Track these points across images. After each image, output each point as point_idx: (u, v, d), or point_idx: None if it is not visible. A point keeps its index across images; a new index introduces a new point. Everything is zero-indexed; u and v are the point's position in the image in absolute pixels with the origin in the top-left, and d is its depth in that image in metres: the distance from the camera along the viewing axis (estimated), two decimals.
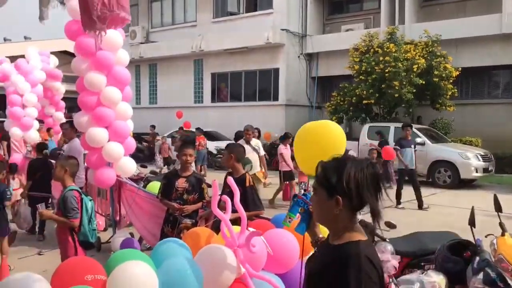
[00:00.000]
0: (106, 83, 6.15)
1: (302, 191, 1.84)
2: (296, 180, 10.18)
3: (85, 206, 4.40)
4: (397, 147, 10.57)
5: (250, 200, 4.07)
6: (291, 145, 11.07)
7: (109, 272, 2.35)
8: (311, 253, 2.01)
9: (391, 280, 1.82)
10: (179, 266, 2.40)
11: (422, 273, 3.37)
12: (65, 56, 20.08)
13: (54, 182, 6.36)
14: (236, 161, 4.42)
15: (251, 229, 2.79)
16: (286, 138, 11.07)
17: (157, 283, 2.33)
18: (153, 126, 20.85)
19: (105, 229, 7.75)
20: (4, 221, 5.75)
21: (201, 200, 4.81)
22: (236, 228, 2.76)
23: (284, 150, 10.59)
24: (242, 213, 2.76)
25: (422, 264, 3.86)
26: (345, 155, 1.82)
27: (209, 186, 5.09)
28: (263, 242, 2.84)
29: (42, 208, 4.36)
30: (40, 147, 8.71)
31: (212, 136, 18.98)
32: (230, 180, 2.90)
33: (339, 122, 18.90)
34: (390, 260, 1.76)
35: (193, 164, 5.15)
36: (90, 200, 4.60)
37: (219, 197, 2.98)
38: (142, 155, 17.92)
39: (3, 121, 16.69)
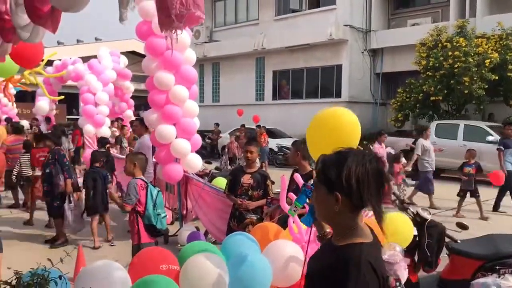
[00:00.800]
0: (174, 81, 6.37)
1: (312, 181, 1.74)
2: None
3: (150, 193, 4.64)
4: (501, 147, 9.57)
5: None
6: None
7: (181, 263, 2.45)
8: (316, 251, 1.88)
9: (397, 283, 1.71)
10: (248, 259, 2.45)
11: (499, 277, 3.22)
12: (133, 56, 20.96)
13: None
14: (302, 158, 4.42)
15: None
16: (381, 135, 10.76)
17: (228, 275, 2.40)
18: (216, 124, 21.27)
19: (172, 223, 8.01)
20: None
21: (265, 196, 4.86)
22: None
23: (380, 149, 10.26)
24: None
25: (497, 268, 3.68)
26: (348, 148, 1.66)
27: (273, 183, 5.14)
28: None
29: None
30: (102, 141, 9.19)
31: (273, 134, 19.07)
32: (297, 176, 2.91)
33: (405, 119, 18.34)
34: (398, 263, 1.63)
35: (257, 161, 5.21)
36: (158, 191, 4.81)
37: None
38: (205, 152, 18.30)
39: (77, 119, 17.70)
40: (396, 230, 3.29)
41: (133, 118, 13.15)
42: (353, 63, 20.72)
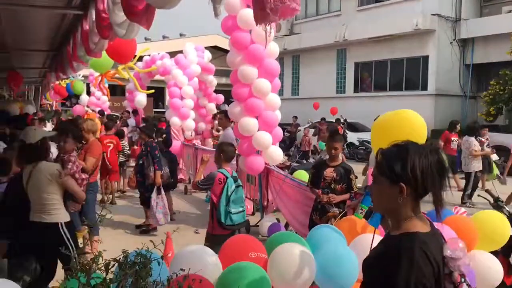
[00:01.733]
0: (258, 75, 6.46)
1: None
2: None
3: (226, 188, 4.63)
4: None
5: None
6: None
7: (269, 251, 2.51)
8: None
9: (462, 279, 1.64)
10: (335, 251, 2.45)
11: None
12: (215, 51, 21.48)
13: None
14: None
15: None
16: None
17: (315, 265, 2.41)
18: (295, 117, 21.26)
19: (253, 213, 8.17)
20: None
21: (349, 190, 4.80)
22: None
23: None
24: None
25: None
26: (405, 141, 1.70)
27: (356, 177, 5.05)
28: None
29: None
30: (160, 131, 9.62)
31: (354, 127, 18.69)
32: None
33: (498, 113, 17.17)
34: (461, 258, 1.59)
35: (340, 154, 5.14)
36: (237, 186, 4.78)
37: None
38: (284, 145, 18.36)
39: (163, 112, 18.54)
40: (492, 229, 3.13)
41: (215, 111, 13.56)
42: (441, 54, 19.69)
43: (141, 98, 14.01)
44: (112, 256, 1.69)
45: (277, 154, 6.74)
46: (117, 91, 25.16)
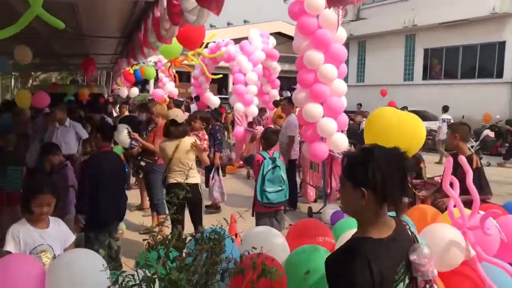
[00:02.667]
0: (324, 60, 6.39)
1: None
2: None
3: (263, 168, 4.98)
4: None
5: (477, 183, 3.77)
6: None
7: (336, 237, 2.51)
8: None
9: (427, 286, 1.62)
10: None
11: None
12: (278, 37, 21.41)
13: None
14: (461, 141, 4.13)
15: (482, 213, 2.61)
16: None
17: None
18: (359, 105, 20.82)
19: (315, 200, 8.16)
20: None
21: (417, 179, 4.66)
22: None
23: None
24: (475, 194, 2.59)
25: None
26: (373, 144, 1.73)
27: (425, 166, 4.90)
28: (496, 227, 2.63)
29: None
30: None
31: (422, 116, 17.94)
32: (463, 159, 2.73)
33: None
34: (425, 265, 1.58)
35: None
36: (274, 166, 5.03)
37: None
38: (347, 133, 18.01)
39: (227, 98, 18.79)
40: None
41: (278, 98, 13.57)
42: None
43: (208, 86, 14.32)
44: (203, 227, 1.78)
45: (342, 141, 6.66)
46: (182, 77, 25.83)
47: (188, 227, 4.74)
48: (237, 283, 1.62)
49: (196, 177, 5.18)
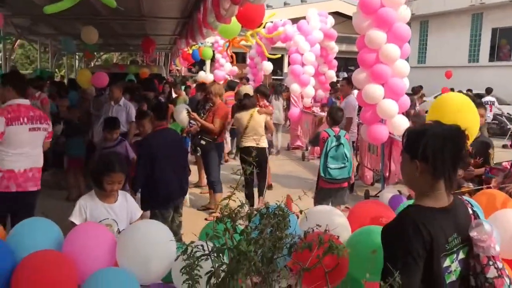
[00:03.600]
0: (386, 40, 6.19)
1: None
2: None
3: (326, 146, 5.30)
4: None
5: None
6: None
7: None
8: None
9: (490, 262, 1.58)
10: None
11: None
12: (336, 17, 20.94)
13: None
14: None
15: None
16: None
17: None
18: (420, 87, 20.06)
19: (372, 184, 8.02)
20: None
21: (484, 165, 4.46)
22: None
23: None
24: None
25: None
26: (434, 121, 1.81)
27: None
28: None
29: None
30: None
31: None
32: None
33: None
34: (485, 241, 1.56)
35: None
36: (338, 144, 5.31)
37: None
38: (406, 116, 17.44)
39: (281, 79, 18.71)
40: None
41: (335, 79, 13.34)
42: None
43: (266, 65, 14.27)
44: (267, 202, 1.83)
45: (402, 124, 6.46)
46: (238, 58, 25.97)
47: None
48: (302, 258, 1.63)
49: (265, 142, 6.33)
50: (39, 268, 1.88)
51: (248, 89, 6.23)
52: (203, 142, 6.35)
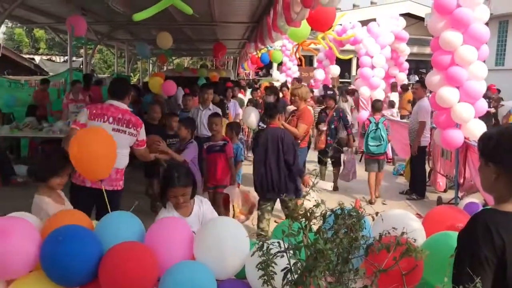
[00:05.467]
0: (462, 41, 5.95)
1: None
2: None
3: (368, 129, 7.19)
4: None
5: None
6: None
7: None
8: None
9: None
10: None
11: None
12: (407, 19, 20.36)
13: None
14: None
15: None
16: None
17: None
18: (498, 90, 19.01)
19: (445, 190, 7.73)
20: None
21: None
22: None
23: None
24: None
25: None
26: (508, 124, 1.51)
27: None
28: None
29: None
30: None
31: None
32: None
33: None
34: None
35: None
36: (376, 128, 7.18)
37: None
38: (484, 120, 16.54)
39: (349, 82, 18.43)
40: None
41: (406, 81, 12.98)
42: None
43: (334, 68, 14.19)
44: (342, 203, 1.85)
45: (479, 129, 6.18)
46: (305, 61, 25.95)
47: None
48: (378, 259, 1.63)
49: None
50: (124, 258, 2.02)
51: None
52: None
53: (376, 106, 7.50)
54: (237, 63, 24.54)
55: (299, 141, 6.14)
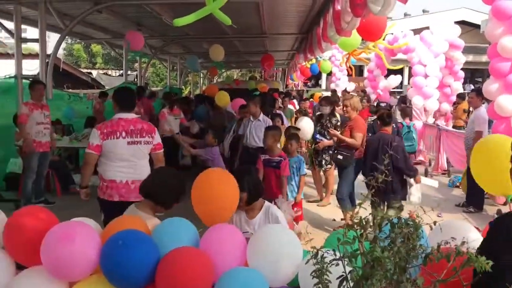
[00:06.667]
0: None
1: None
2: None
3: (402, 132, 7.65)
4: None
5: None
6: None
7: None
8: None
9: None
10: None
11: None
12: (462, 26, 19.75)
13: None
14: None
15: None
16: None
17: None
18: None
19: (505, 203, 7.38)
20: None
21: None
22: None
23: None
24: None
25: None
26: None
27: None
28: None
29: None
30: None
31: None
32: None
33: None
34: None
35: None
36: (408, 131, 8.46)
37: None
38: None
39: (400, 92, 18.05)
40: None
41: (461, 90, 12.55)
42: None
43: (392, 79, 14.00)
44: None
45: None
46: (355, 71, 25.67)
47: None
48: (436, 269, 1.59)
49: None
50: (181, 262, 2.07)
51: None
52: (340, 157, 6.05)
53: (406, 112, 8.81)
54: (286, 74, 24.63)
55: (354, 151, 6.04)
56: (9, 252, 2.37)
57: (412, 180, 5.51)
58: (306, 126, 6.78)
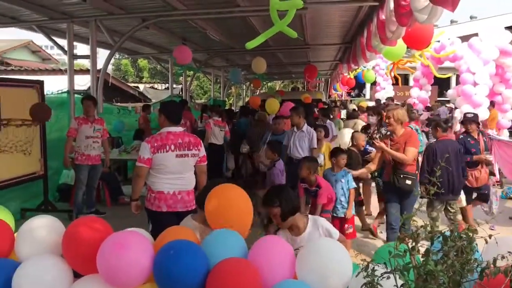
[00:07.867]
0: None
1: None
2: None
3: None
4: None
5: None
6: None
7: None
8: None
9: None
10: None
11: None
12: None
13: None
14: None
15: None
16: None
17: None
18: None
19: None
20: None
21: None
22: None
23: None
24: None
25: None
26: None
27: None
28: None
29: None
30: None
31: None
32: None
33: None
34: None
35: None
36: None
37: None
38: None
39: (447, 101, 17.49)
40: None
41: None
42: None
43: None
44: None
45: None
46: (401, 80, 25.21)
47: None
48: (493, 284, 1.55)
49: None
50: (231, 273, 2.10)
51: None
52: (409, 182, 5.12)
53: (411, 116, 8.44)
54: (329, 85, 24.49)
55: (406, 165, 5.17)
56: (67, 261, 2.48)
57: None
58: (345, 136, 6.68)
